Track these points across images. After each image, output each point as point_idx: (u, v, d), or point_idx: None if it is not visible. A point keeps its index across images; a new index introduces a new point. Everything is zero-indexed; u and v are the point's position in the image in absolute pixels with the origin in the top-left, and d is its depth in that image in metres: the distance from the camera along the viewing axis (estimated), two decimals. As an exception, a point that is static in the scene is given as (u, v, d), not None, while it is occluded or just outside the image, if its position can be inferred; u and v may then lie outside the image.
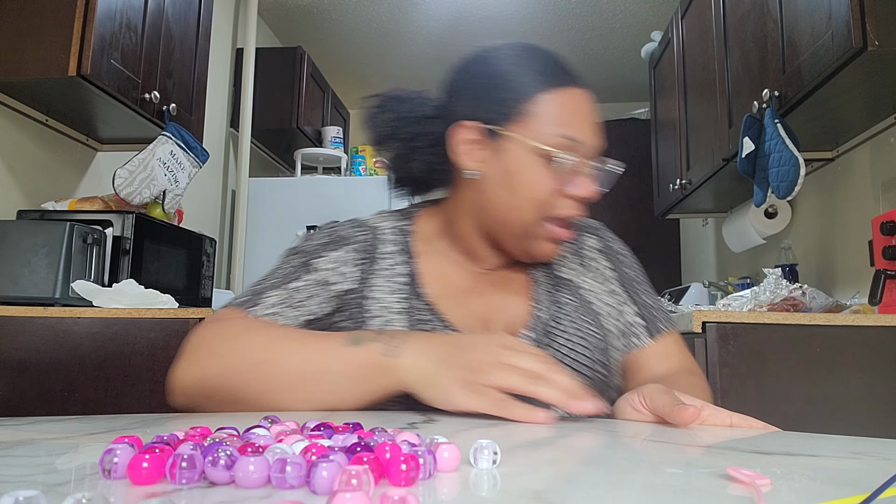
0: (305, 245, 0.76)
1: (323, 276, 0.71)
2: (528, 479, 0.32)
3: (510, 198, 0.69)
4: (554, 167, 0.67)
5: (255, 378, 0.60)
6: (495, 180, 0.69)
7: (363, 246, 0.74)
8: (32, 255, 1.57)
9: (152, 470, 0.30)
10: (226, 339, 0.64)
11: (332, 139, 3.35)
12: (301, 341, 0.61)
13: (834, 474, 0.36)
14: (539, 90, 0.68)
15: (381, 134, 0.76)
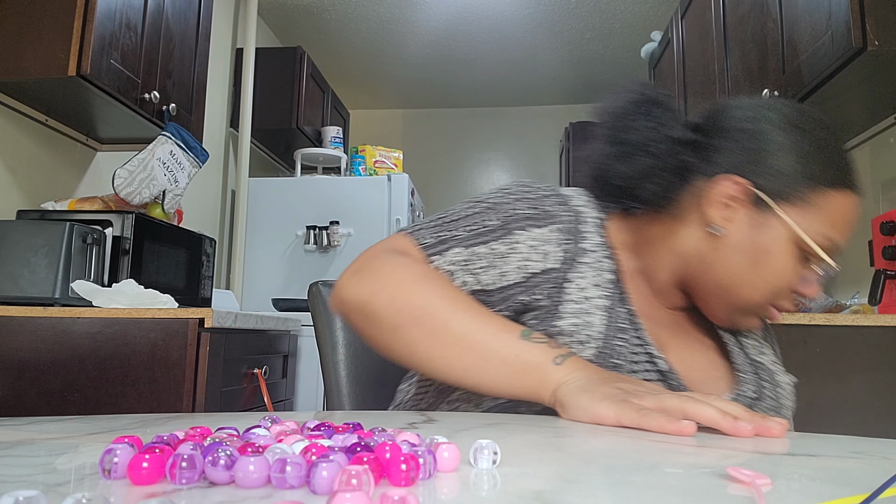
0: (505, 205, 0.69)
1: (517, 254, 0.65)
2: (528, 479, 0.32)
3: (748, 273, 0.65)
4: (804, 263, 0.65)
5: (424, 325, 0.59)
6: (739, 248, 0.65)
7: (567, 227, 0.67)
8: (32, 255, 1.57)
9: (152, 470, 0.30)
10: (408, 276, 0.61)
11: (332, 139, 3.35)
12: (480, 314, 0.59)
13: (834, 474, 0.36)
14: (829, 185, 0.63)
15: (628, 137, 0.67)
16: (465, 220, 0.68)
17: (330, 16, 3.46)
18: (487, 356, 0.57)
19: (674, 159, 0.66)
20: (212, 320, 1.54)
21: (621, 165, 0.67)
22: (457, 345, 0.57)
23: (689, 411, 0.47)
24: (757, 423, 0.46)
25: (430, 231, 0.68)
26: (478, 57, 3.91)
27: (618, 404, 0.49)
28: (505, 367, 0.56)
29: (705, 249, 0.67)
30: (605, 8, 3.31)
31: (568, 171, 3.94)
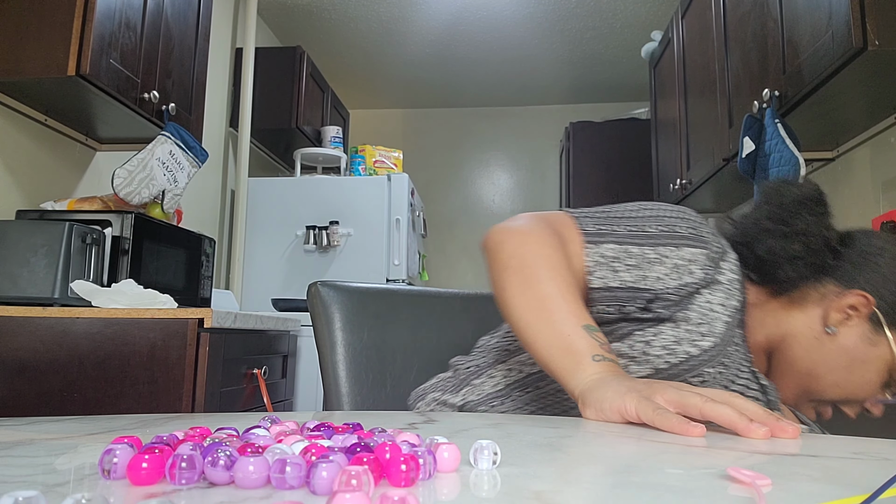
0: (667, 219, 0.74)
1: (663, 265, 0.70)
2: (528, 479, 0.32)
3: (839, 373, 0.72)
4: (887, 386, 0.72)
5: (522, 276, 0.66)
6: (842, 350, 0.72)
7: (713, 257, 0.73)
8: (31, 254, 1.57)
9: (152, 470, 0.30)
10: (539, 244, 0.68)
11: (332, 139, 3.35)
12: (568, 294, 0.64)
13: (834, 474, 0.36)
14: None
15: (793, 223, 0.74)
16: (626, 220, 0.74)
17: (330, 16, 3.46)
18: (547, 323, 0.63)
19: (819, 257, 0.74)
20: (211, 320, 1.54)
21: (775, 242, 0.74)
22: (533, 301, 0.64)
23: (706, 412, 0.49)
24: (772, 424, 0.47)
25: (594, 221, 0.73)
26: (478, 57, 3.91)
27: (639, 400, 0.51)
28: (554, 340, 0.61)
29: (810, 338, 0.74)
30: (605, 8, 3.31)
31: (568, 171, 3.94)
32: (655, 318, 0.70)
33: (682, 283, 0.70)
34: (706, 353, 0.68)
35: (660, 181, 2.98)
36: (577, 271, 0.70)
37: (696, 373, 0.68)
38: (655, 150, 3.08)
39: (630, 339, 0.70)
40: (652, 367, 0.69)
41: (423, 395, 0.87)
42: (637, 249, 0.71)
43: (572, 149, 3.89)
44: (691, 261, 0.71)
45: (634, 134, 3.77)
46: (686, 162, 2.57)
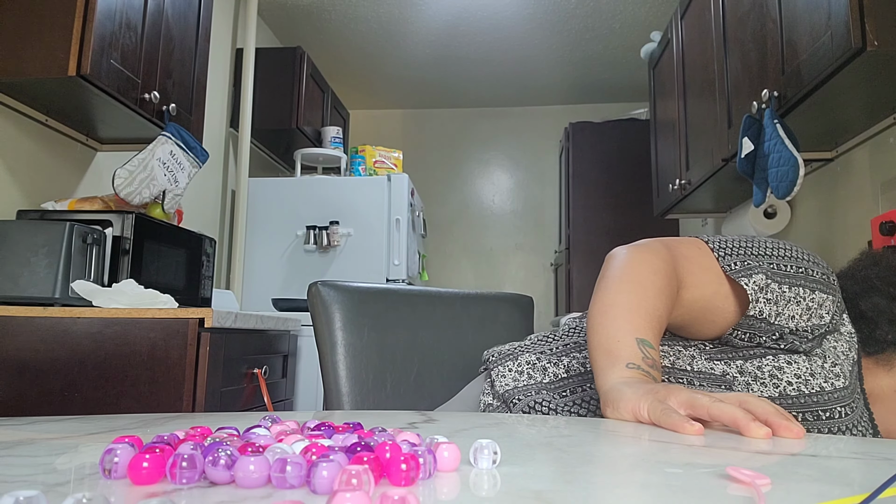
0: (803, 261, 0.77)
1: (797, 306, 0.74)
2: (528, 479, 0.32)
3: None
4: None
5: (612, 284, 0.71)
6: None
7: (839, 305, 0.76)
8: (32, 254, 1.57)
9: (152, 470, 0.30)
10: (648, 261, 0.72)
11: (332, 139, 3.35)
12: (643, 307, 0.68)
13: (834, 474, 0.36)
14: None
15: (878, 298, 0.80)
16: (766, 257, 0.77)
17: (330, 16, 3.46)
18: (606, 325, 0.67)
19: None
20: (212, 320, 1.54)
21: (881, 300, 0.78)
22: (607, 306, 0.69)
23: (713, 412, 0.50)
24: (775, 423, 0.48)
25: (737, 258, 0.76)
26: (478, 57, 3.91)
27: (652, 402, 0.54)
28: (604, 341, 0.66)
29: (888, 396, 0.76)
30: (605, 8, 3.31)
31: (568, 171, 3.94)
32: (791, 348, 0.73)
33: (814, 325, 0.73)
34: (838, 391, 0.70)
35: (659, 181, 2.98)
36: (690, 302, 0.74)
37: (826, 408, 0.70)
38: (655, 150, 3.08)
39: (760, 360, 0.73)
40: (780, 391, 0.70)
41: (514, 355, 0.87)
42: (777, 287, 0.74)
43: (572, 149, 3.89)
44: (821, 305, 0.74)
45: (634, 134, 3.77)
46: (685, 162, 2.57)
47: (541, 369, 0.83)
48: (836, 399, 0.70)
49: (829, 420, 0.70)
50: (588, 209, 3.74)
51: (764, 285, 0.73)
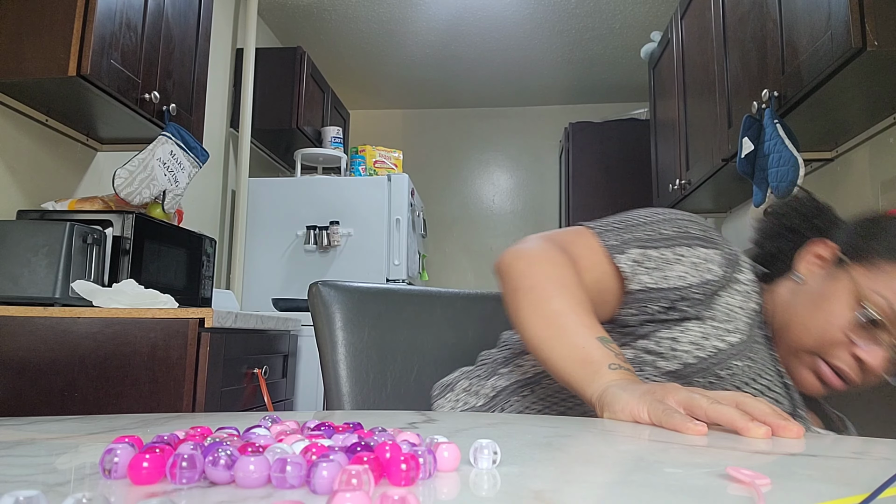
0: (679, 221, 0.78)
1: (681, 264, 0.74)
2: (528, 479, 0.32)
3: (806, 314, 0.74)
4: (858, 318, 0.70)
5: (533, 294, 0.69)
6: (808, 294, 0.75)
7: (728, 259, 0.76)
8: (32, 254, 1.57)
9: (152, 470, 0.30)
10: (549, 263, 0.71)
11: (332, 139, 3.35)
12: (579, 308, 0.67)
13: (834, 474, 0.36)
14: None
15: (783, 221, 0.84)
16: (642, 226, 0.78)
17: (330, 16, 3.46)
18: (562, 337, 0.65)
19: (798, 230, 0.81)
20: (212, 320, 1.54)
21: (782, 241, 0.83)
22: (546, 318, 0.66)
23: (710, 413, 0.50)
24: (774, 423, 0.48)
25: (614, 234, 0.76)
26: (478, 57, 3.91)
27: (651, 403, 0.53)
28: (569, 352, 0.63)
29: (787, 296, 0.77)
30: (605, 8, 3.31)
31: (568, 171, 3.94)
32: (681, 316, 0.73)
33: (704, 281, 0.73)
34: (734, 347, 0.71)
35: (659, 181, 2.98)
36: (589, 286, 0.72)
37: (724, 366, 0.70)
38: (655, 150, 3.08)
39: (656, 336, 0.73)
40: (680, 362, 0.71)
41: (452, 385, 0.88)
42: (656, 252, 0.74)
43: (572, 149, 3.89)
44: (707, 260, 0.74)
45: (634, 134, 3.77)
46: (685, 162, 2.57)
47: (474, 393, 0.84)
48: (733, 354, 0.71)
49: (731, 377, 0.71)
50: (588, 209, 3.74)
51: (640, 257, 0.74)
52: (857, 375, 0.71)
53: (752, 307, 0.75)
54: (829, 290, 0.73)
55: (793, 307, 0.75)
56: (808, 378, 0.74)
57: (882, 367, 0.69)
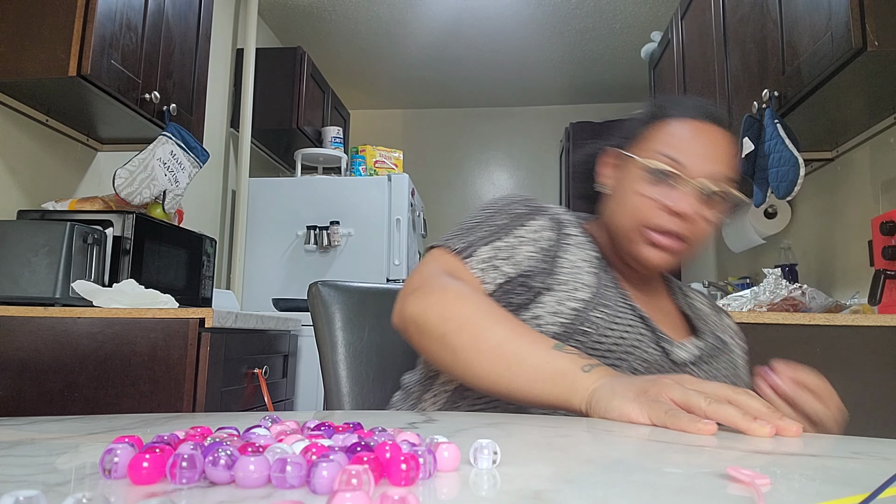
0: (506, 207, 0.84)
1: (525, 244, 0.79)
2: (528, 479, 0.32)
3: (617, 206, 0.81)
4: (656, 182, 0.77)
5: (465, 333, 0.66)
6: (615, 194, 0.82)
7: (552, 221, 0.83)
8: (33, 255, 1.57)
9: (152, 470, 0.30)
10: (456, 294, 0.70)
11: (332, 139, 3.35)
12: (516, 327, 0.66)
13: (834, 474, 0.36)
14: (658, 118, 0.80)
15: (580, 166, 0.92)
16: (480, 225, 0.82)
17: (330, 16, 3.46)
18: (520, 363, 0.62)
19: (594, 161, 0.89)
20: (212, 320, 1.54)
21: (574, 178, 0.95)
22: (492, 351, 0.64)
23: (710, 414, 0.49)
24: (774, 422, 0.48)
25: (457, 240, 0.80)
26: (478, 57, 3.91)
27: (649, 405, 0.52)
28: (536, 374, 0.61)
29: (606, 211, 0.84)
30: (605, 8, 3.31)
31: (568, 171, 3.94)
32: (535, 293, 0.76)
33: (544, 249, 0.79)
34: (587, 301, 0.74)
35: (660, 181, 2.97)
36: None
37: (585, 322, 0.73)
38: (656, 150, 3.08)
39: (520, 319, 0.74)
40: (549, 334, 0.73)
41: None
42: (501, 243, 0.79)
43: (572, 149, 3.89)
44: (539, 229, 0.81)
45: (635, 134, 3.77)
46: (686, 162, 2.56)
47: None
48: (589, 308, 0.74)
49: (595, 329, 0.73)
50: (588, 209, 3.74)
51: (492, 252, 0.78)
52: (681, 227, 0.76)
53: (591, 255, 0.81)
54: (625, 177, 0.80)
55: (610, 213, 0.82)
56: (649, 252, 0.78)
57: (691, 206, 0.75)
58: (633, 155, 0.79)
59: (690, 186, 0.75)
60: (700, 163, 0.76)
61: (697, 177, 0.75)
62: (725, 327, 0.91)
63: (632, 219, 0.78)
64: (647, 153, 0.78)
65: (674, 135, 0.78)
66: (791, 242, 2.28)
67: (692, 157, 0.76)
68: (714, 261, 3.30)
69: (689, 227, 0.76)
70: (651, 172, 0.77)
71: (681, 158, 0.76)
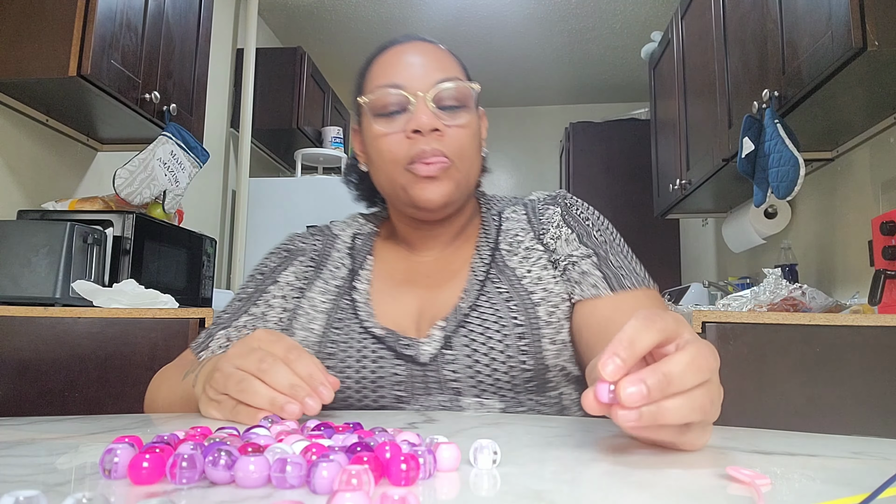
0: (260, 268, 0.83)
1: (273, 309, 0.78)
2: (528, 479, 0.32)
3: (374, 167, 0.77)
4: (389, 119, 0.73)
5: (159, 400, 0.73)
6: (369, 158, 0.78)
7: (315, 254, 0.82)
8: (33, 255, 1.57)
9: (153, 470, 0.30)
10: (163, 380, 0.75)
11: (333, 139, 3.35)
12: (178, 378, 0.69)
13: (834, 474, 0.36)
14: (369, 62, 0.79)
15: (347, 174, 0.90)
16: (231, 304, 0.81)
17: (330, 16, 3.46)
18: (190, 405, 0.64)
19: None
20: (212, 320, 1.54)
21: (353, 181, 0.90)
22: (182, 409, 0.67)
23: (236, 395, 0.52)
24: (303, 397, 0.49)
25: (205, 332, 0.79)
26: (478, 57, 3.91)
27: (217, 406, 0.55)
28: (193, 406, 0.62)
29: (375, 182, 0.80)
30: (605, 8, 3.31)
31: (568, 171, 3.94)
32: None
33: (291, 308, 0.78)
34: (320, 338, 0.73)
35: (659, 181, 2.98)
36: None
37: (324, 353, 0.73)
38: (655, 150, 3.08)
39: None
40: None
41: None
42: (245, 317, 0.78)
43: (572, 149, 3.89)
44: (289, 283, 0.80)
45: (634, 134, 3.77)
46: (686, 162, 2.57)
47: None
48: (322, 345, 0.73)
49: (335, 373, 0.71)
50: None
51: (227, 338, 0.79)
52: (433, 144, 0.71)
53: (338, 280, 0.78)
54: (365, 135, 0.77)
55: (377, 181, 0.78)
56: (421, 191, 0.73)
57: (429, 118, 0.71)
58: (359, 99, 0.77)
59: (417, 101, 0.72)
60: (415, 76, 0.73)
61: (418, 90, 0.72)
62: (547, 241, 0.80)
63: (387, 167, 0.74)
64: (367, 94, 0.75)
65: (383, 64, 0.76)
66: (791, 242, 2.28)
67: (399, 75, 0.74)
68: (714, 261, 3.30)
69: (442, 140, 0.72)
70: (379, 111, 0.74)
71: (396, 80, 0.73)
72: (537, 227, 0.82)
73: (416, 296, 0.77)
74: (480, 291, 0.73)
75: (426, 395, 0.69)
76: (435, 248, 0.81)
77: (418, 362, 0.70)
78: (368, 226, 0.87)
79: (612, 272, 0.74)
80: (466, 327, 0.70)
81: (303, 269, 0.81)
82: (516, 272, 0.76)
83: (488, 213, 0.89)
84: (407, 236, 0.81)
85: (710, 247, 3.36)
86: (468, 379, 0.68)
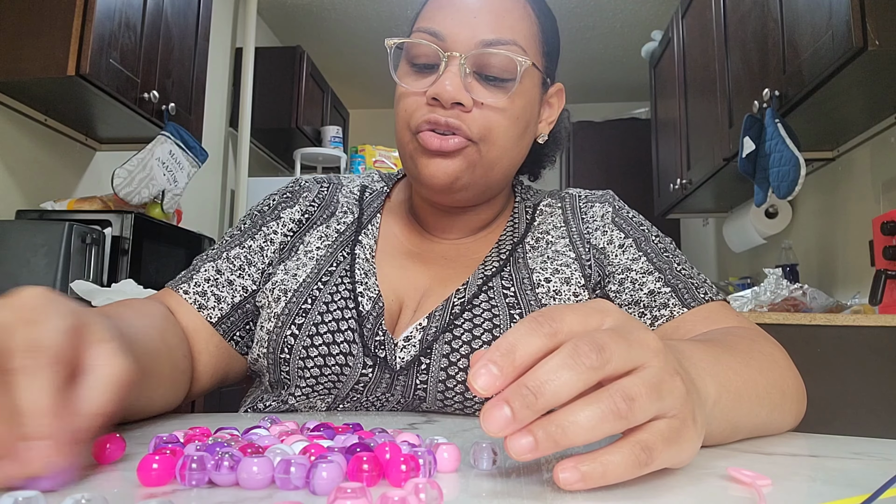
0: (261, 204, 0.76)
1: (273, 244, 0.70)
2: (528, 479, 0.32)
3: (396, 121, 0.64)
4: (419, 74, 0.61)
5: None
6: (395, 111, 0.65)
7: (320, 197, 0.75)
8: (31, 254, 1.57)
9: (162, 471, 0.30)
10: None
11: (332, 139, 3.35)
12: None
13: (834, 474, 0.36)
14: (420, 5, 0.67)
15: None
16: (221, 240, 0.72)
17: (330, 15, 3.46)
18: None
19: None
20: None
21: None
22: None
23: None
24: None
25: (184, 274, 0.68)
26: (478, 56, 3.91)
27: None
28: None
29: None
30: (606, 8, 3.31)
31: (568, 171, 3.94)
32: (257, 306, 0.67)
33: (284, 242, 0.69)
34: (295, 293, 0.62)
35: (660, 181, 2.98)
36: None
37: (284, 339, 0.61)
38: (655, 150, 3.08)
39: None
40: (260, 360, 0.66)
41: None
42: (238, 249, 0.68)
43: (572, 148, 3.89)
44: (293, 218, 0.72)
45: (634, 134, 3.77)
46: (686, 162, 2.57)
47: None
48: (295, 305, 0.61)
49: (296, 352, 0.60)
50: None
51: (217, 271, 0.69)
52: (449, 117, 0.58)
53: (339, 228, 0.69)
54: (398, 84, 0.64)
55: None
56: (425, 167, 0.60)
57: (454, 86, 0.57)
58: (393, 41, 0.64)
59: (450, 62, 0.58)
60: (462, 27, 0.59)
61: (457, 48, 0.59)
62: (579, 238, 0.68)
63: (400, 131, 0.62)
64: (413, 32, 0.63)
65: (429, 7, 0.64)
66: (792, 242, 2.28)
67: (450, 21, 0.59)
68: (715, 261, 3.30)
69: (464, 118, 0.58)
70: (411, 59, 0.62)
71: (437, 27, 0.60)
72: (578, 225, 0.69)
73: (426, 273, 0.66)
74: (482, 288, 0.61)
75: (387, 393, 0.59)
76: (451, 236, 0.69)
77: (390, 368, 0.58)
78: (381, 183, 0.76)
79: (682, 284, 0.63)
80: (453, 332, 0.58)
81: (308, 206, 0.73)
82: (533, 277, 0.63)
83: (521, 204, 0.74)
84: (423, 215, 0.70)
85: (710, 247, 3.36)
86: (437, 393, 0.58)
